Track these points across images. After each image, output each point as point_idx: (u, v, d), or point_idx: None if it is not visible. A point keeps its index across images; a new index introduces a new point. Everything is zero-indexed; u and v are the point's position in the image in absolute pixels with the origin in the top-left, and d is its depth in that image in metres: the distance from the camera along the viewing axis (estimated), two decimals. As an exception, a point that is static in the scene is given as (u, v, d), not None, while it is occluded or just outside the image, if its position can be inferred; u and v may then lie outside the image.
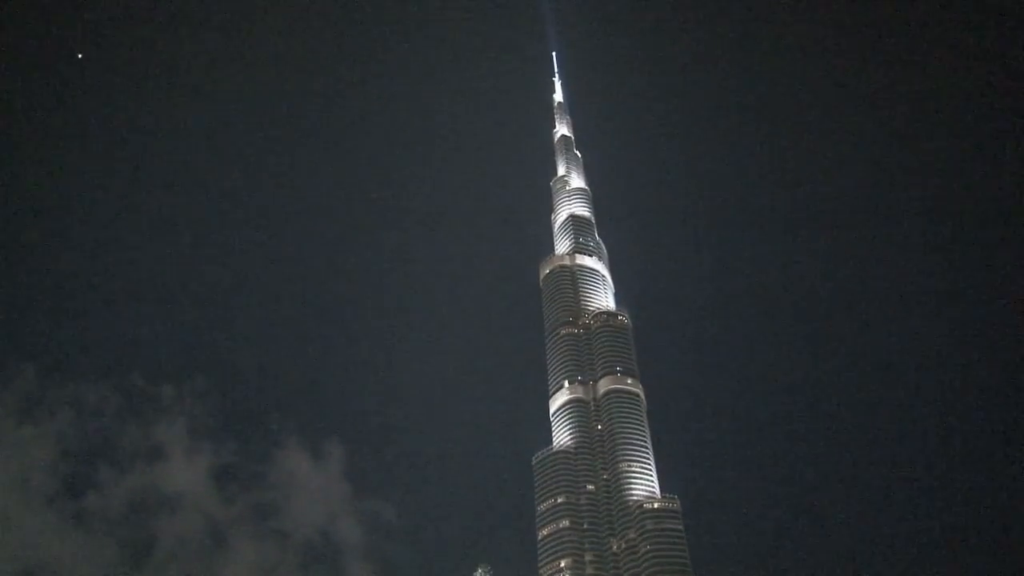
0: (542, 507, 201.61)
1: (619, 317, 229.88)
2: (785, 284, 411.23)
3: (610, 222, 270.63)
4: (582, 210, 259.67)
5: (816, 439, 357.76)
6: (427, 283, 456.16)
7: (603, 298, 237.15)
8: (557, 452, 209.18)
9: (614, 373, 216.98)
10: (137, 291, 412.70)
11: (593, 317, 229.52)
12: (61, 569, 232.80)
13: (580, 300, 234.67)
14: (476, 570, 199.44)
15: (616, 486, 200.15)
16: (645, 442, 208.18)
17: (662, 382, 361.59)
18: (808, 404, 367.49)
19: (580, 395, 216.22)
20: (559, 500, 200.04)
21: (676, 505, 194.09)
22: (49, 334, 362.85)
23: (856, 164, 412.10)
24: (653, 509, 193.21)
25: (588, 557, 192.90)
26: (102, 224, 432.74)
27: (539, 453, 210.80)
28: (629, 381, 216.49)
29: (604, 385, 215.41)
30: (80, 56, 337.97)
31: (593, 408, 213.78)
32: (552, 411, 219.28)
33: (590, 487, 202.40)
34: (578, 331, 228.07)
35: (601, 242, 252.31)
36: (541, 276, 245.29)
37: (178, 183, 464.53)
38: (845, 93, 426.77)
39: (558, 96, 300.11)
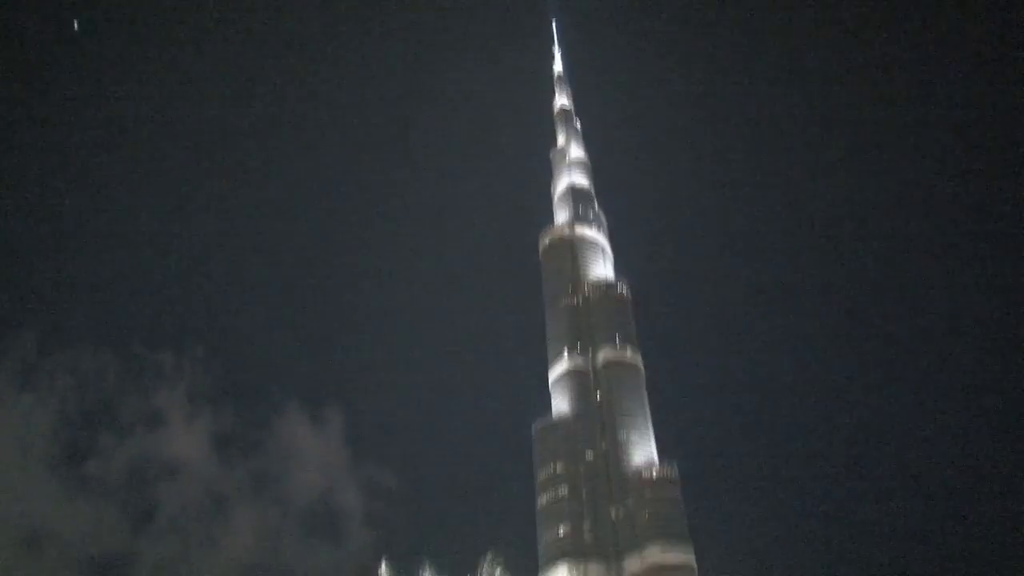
0: (541, 475, 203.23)
1: (619, 288, 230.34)
2: (785, 253, 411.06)
3: (611, 193, 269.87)
4: (582, 181, 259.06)
5: (815, 408, 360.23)
6: (426, 252, 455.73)
7: (603, 269, 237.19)
8: (556, 421, 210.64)
9: (613, 344, 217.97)
10: (135, 258, 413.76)
11: (592, 288, 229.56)
12: (64, 534, 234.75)
13: (579, 271, 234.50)
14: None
15: (615, 455, 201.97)
16: (644, 412, 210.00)
17: (661, 352, 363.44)
18: (807, 373, 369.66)
19: (579, 365, 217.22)
20: (558, 469, 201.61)
21: (675, 474, 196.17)
22: (47, 301, 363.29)
23: (862, 128, 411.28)
24: (652, 478, 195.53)
25: (587, 525, 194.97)
26: (100, 191, 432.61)
27: (538, 422, 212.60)
28: (628, 351, 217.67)
29: (603, 356, 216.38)
30: (76, 26, 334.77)
31: (592, 378, 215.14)
32: (551, 381, 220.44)
33: (589, 456, 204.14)
34: (577, 302, 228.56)
35: (601, 213, 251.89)
36: (540, 247, 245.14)
37: (178, 149, 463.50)
38: (849, 70, 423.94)
39: (558, 66, 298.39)
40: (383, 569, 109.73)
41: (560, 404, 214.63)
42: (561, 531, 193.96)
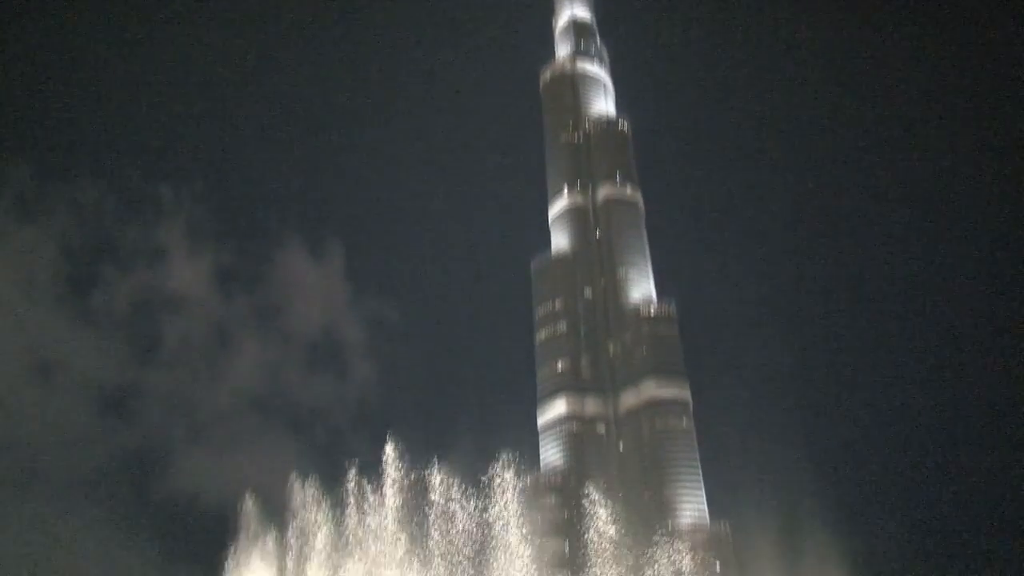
0: (540, 311, 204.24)
1: (620, 124, 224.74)
2: (790, 93, 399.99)
3: (613, 27, 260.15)
4: (583, 14, 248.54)
5: (814, 247, 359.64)
6: (425, 86, 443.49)
7: (604, 105, 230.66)
8: (555, 258, 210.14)
9: (613, 181, 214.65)
10: (130, 89, 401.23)
11: (593, 124, 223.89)
12: (72, 365, 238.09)
13: (580, 107, 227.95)
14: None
15: (614, 291, 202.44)
16: (643, 249, 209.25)
17: (662, 190, 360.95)
18: (808, 210, 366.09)
19: (579, 202, 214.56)
20: (557, 305, 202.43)
21: (672, 310, 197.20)
22: (42, 133, 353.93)
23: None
24: (649, 314, 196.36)
25: (585, 360, 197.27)
26: (96, 21, 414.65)
27: (537, 259, 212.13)
28: (628, 189, 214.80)
29: (603, 193, 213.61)
30: None
31: (592, 215, 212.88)
32: (551, 218, 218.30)
33: (588, 293, 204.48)
34: (578, 138, 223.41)
35: (603, 47, 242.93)
36: (541, 82, 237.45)
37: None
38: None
39: None
40: (388, 449, 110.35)
41: (559, 241, 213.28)
42: (559, 366, 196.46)
